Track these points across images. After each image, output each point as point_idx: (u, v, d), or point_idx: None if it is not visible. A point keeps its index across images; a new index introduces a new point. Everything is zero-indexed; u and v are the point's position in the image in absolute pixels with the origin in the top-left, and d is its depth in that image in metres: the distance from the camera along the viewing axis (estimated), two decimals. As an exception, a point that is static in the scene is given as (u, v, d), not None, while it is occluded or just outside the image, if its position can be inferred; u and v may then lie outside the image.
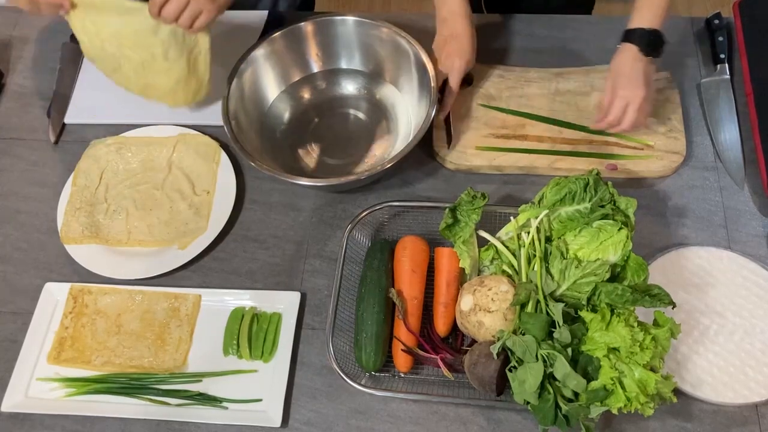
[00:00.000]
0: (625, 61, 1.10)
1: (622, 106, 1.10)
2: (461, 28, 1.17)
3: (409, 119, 1.24)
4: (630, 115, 1.10)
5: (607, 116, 1.12)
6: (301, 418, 1.01)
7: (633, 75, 1.09)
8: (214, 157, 1.23)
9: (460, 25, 1.17)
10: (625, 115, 1.10)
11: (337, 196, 1.20)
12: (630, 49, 1.09)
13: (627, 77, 1.09)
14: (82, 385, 1.04)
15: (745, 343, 1.01)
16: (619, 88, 1.10)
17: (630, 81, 1.09)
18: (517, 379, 0.88)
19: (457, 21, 1.17)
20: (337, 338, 1.01)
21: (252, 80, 1.24)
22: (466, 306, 0.97)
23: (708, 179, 1.18)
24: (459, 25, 1.17)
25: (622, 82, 1.10)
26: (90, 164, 1.24)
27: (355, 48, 1.29)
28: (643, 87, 1.09)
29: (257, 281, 1.13)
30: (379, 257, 1.06)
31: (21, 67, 1.41)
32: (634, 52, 1.09)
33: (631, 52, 1.09)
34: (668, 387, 0.87)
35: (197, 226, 1.16)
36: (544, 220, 0.99)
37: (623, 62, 1.10)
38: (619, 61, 1.11)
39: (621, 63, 1.10)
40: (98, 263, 1.14)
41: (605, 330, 0.89)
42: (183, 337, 1.08)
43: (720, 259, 1.08)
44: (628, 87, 1.09)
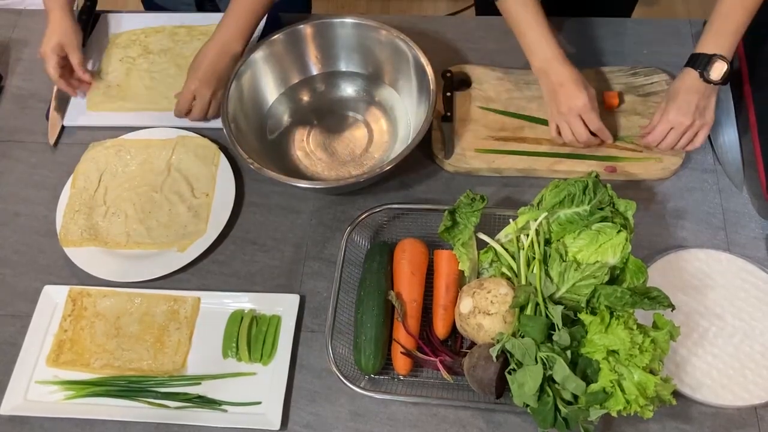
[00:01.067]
0: (681, 87, 1.09)
1: (664, 130, 1.11)
2: (563, 73, 1.12)
3: (408, 122, 1.24)
4: (669, 140, 1.11)
5: (649, 136, 1.13)
6: (300, 420, 1.01)
7: (683, 103, 1.08)
8: (213, 160, 1.23)
9: (561, 71, 1.12)
10: (665, 139, 1.11)
11: (336, 198, 1.20)
12: (689, 74, 1.08)
13: (677, 105, 1.09)
14: (81, 388, 1.04)
15: (745, 346, 1.01)
16: (668, 113, 1.10)
17: (679, 109, 1.09)
18: (517, 382, 0.88)
19: (558, 69, 1.12)
20: (336, 341, 1.01)
21: (251, 83, 1.24)
22: (465, 308, 0.97)
23: (707, 181, 1.18)
24: (560, 71, 1.12)
25: (671, 108, 1.10)
26: (89, 167, 1.24)
27: (354, 50, 1.29)
28: (690, 116, 1.08)
29: (256, 284, 1.13)
30: (378, 260, 1.06)
31: (20, 69, 1.41)
32: (693, 78, 1.07)
33: (690, 77, 1.08)
34: (667, 389, 0.87)
35: (196, 229, 1.16)
36: (543, 222, 0.99)
37: (678, 87, 1.09)
38: (676, 86, 1.10)
39: (677, 88, 1.10)
40: (97, 266, 1.14)
41: (604, 332, 0.89)
42: (182, 339, 1.07)
43: (719, 262, 1.08)
44: (674, 114, 1.09)
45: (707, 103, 1.09)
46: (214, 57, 1.21)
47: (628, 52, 1.33)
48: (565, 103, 1.12)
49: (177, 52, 1.38)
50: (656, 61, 1.30)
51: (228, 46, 1.22)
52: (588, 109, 1.12)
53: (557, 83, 1.13)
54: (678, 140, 1.11)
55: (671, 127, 1.10)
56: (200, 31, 1.40)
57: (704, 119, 1.10)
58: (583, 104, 1.11)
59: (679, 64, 1.30)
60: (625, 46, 1.34)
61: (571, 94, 1.12)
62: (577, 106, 1.12)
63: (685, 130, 1.10)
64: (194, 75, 1.22)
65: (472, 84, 1.28)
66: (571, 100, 1.12)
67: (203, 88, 1.22)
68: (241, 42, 1.22)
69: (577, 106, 1.12)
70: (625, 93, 1.25)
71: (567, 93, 1.12)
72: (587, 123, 1.13)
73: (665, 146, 1.13)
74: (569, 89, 1.12)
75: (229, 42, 1.22)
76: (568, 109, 1.12)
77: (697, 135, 1.11)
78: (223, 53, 1.21)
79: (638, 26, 1.37)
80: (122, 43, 1.40)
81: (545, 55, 1.13)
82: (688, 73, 1.08)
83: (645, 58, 1.32)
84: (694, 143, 1.12)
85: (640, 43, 1.34)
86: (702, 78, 1.07)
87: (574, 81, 1.12)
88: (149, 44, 1.39)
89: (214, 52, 1.21)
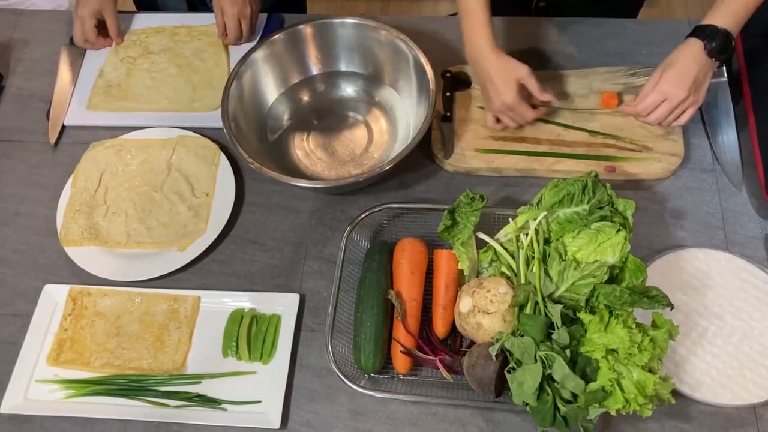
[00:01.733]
0: (682, 56, 1.04)
1: (656, 101, 1.06)
2: (489, 67, 1.12)
3: (408, 121, 1.24)
4: (660, 111, 1.06)
5: (638, 104, 1.09)
6: (300, 419, 1.01)
7: (682, 73, 1.03)
8: (214, 160, 1.23)
9: (488, 64, 1.12)
10: (656, 110, 1.07)
11: (336, 198, 1.21)
12: (694, 44, 1.03)
13: (675, 73, 1.04)
14: (81, 387, 1.04)
15: (744, 345, 1.01)
16: (663, 82, 1.05)
17: (677, 78, 1.04)
18: (516, 381, 0.88)
19: (484, 60, 1.13)
20: (336, 340, 1.01)
21: (251, 82, 1.24)
22: (464, 307, 0.97)
23: (706, 181, 1.18)
24: (486, 63, 1.12)
25: (668, 76, 1.05)
26: (89, 166, 1.24)
27: (354, 51, 1.29)
28: (686, 89, 1.03)
29: (256, 283, 1.13)
30: (378, 259, 1.07)
31: (21, 69, 1.41)
32: (697, 49, 1.03)
33: (694, 48, 1.03)
34: (666, 388, 0.87)
35: (196, 228, 1.16)
36: (542, 221, 0.99)
37: (680, 56, 1.04)
38: (676, 54, 1.05)
39: (677, 56, 1.05)
40: (97, 265, 1.14)
41: (604, 331, 0.89)
42: (182, 338, 1.08)
43: (718, 261, 1.08)
44: (671, 83, 1.04)
45: (704, 79, 1.05)
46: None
47: (627, 52, 1.33)
48: (496, 103, 1.14)
49: (177, 52, 1.38)
50: (655, 62, 1.27)
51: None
52: (517, 104, 1.13)
53: (486, 78, 1.14)
54: (668, 114, 1.06)
55: (664, 99, 1.05)
56: (200, 32, 1.41)
57: (698, 95, 1.05)
58: (511, 100, 1.12)
59: (679, 64, 1.30)
60: (625, 46, 1.34)
61: (500, 91, 1.12)
62: (506, 104, 1.13)
63: (678, 104, 1.05)
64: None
65: (472, 84, 1.28)
66: (499, 99, 1.13)
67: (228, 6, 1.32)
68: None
69: (506, 104, 1.13)
70: (624, 93, 1.25)
71: (495, 90, 1.13)
72: (520, 117, 1.16)
73: (654, 118, 1.08)
74: (497, 86, 1.12)
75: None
76: (500, 108, 1.14)
77: (685, 112, 1.07)
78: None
79: (637, 27, 1.38)
80: (123, 43, 1.40)
81: (478, 44, 1.13)
82: (693, 42, 1.03)
83: (644, 58, 1.32)
84: (679, 120, 1.08)
85: (639, 44, 1.34)
86: (706, 50, 1.02)
87: (501, 76, 1.12)
88: (150, 44, 1.40)
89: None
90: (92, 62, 1.39)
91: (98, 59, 1.39)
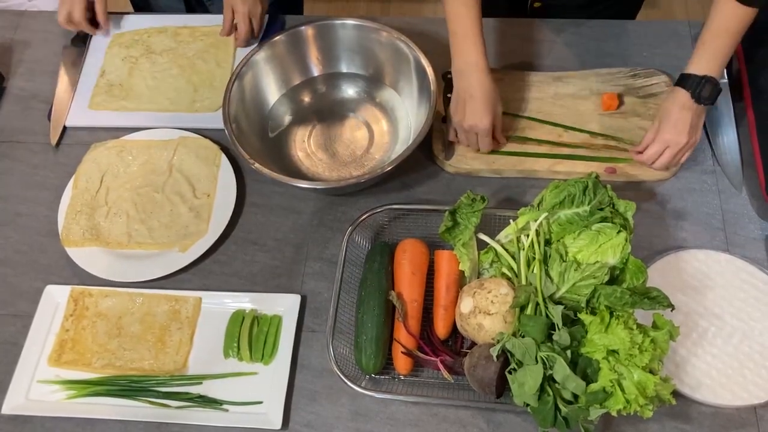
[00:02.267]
0: (674, 106, 1.09)
1: (659, 150, 1.11)
2: (477, 85, 1.11)
3: (409, 122, 1.24)
4: (664, 159, 1.12)
5: (643, 154, 1.13)
6: (301, 420, 1.01)
7: (679, 122, 1.08)
8: (215, 160, 1.23)
9: (476, 81, 1.11)
10: (660, 158, 1.12)
11: (337, 199, 1.21)
12: (682, 94, 1.08)
13: (672, 124, 1.09)
14: (82, 388, 1.04)
15: (744, 346, 1.01)
16: (663, 132, 1.10)
17: (675, 128, 1.09)
18: (517, 382, 0.89)
19: (473, 76, 1.11)
20: (337, 341, 1.01)
21: (252, 84, 1.24)
22: (465, 308, 0.97)
23: (706, 182, 1.18)
24: (474, 80, 1.11)
25: (666, 127, 1.09)
26: (91, 167, 1.24)
27: (355, 52, 1.29)
28: (686, 135, 1.09)
29: (257, 284, 1.13)
30: (379, 260, 1.07)
31: (22, 70, 1.41)
32: (686, 98, 1.08)
33: (683, 98, 1.08)
34: (667, 389, 0.88)
35: (198, 229, 1.16)
36: (543, 223, 0.99)
37: (672, 107, 1.09)
38: (668, 105, 1.10)
39: (669, 107, 1.09)
40: (99, 266, 1.14)
41: (604, 332, 0.89)
42: (183, 339, 1.08)
43: (718, 262, 1.08)
44: (671, 133, 1.09)
45: (698, 122, 1.10)
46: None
47: (628, 54, 1.34)
48: (468, 121, 1.13)
49: (179, 53, 1.38)
50: (656, 63, 1.30)
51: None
52: (484, 134, 1.13)
53: (468, 94, 1.12)
54: (672, 159, 1.12)
55: (666, 147, 1.11)
56: (202, 32, 1.41)
57: (695, 137, 1.11)
58: (483, 129, 1.12)
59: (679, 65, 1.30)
60: (625, 48, 1.35)
61: (476, 114, 1.12)
62: (478, 129, 1.13)
63: (680, 149, 1.10)
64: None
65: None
66: (473, 119, 1.12)
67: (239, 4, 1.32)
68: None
69: (478, 129, 1.13)
70: (625, 95, 1.25)
71: (473, 110, 1.12)
72: (479, 144, 1.16)
73: (659, 165, 1.13)
74: (476, 107, 1.11)
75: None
76: (469, 127, 1.13)
77: (686, 153, 1.13)
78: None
79: (638, 28, 1.38)
80: (125, 43, 1.41)
81: (468, 58, 1.12)
82: (680, 92, 1.08)
83: (645, 59, 1.32)
84: (681, 160, 1.14)
85: (639, 45, 1.35)
86: (694, 98, 1.07)
87: (483, 98, 1.11)
88: (152, 44, 1.40)
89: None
90: (94, 62, 1.39)
91: (100, 59, 1.39)
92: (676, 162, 1.13)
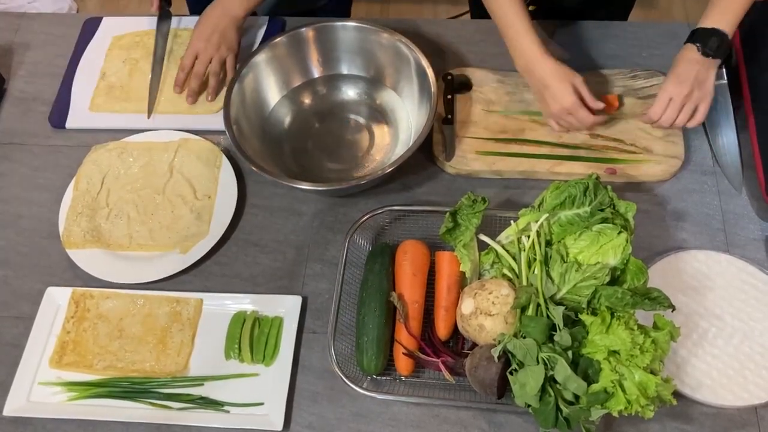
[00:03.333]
0: (680, 60, 1.10)
1: (664, 102, 1.11)
2: (545, 74, 1.12)
3: (410, 124, 1.25)
4: (669, 113, 1.11)
5: (649, 111, 1.13)
6: (302, 421, 1.02)
7: (682, 74, 1.09)
8: (216, 162, 1.23)
9: (543, 71, 1.12)
10: (665, 113, 1.11)
11: (338, 200, 1.21)
12: (688, 48, 1.09)
13: (675, 75, 1.10)
14: (84, 390, 1.04)
15: (744, 346, 1.01)
16: (666, 85, 1.11)
17: (677, 78, 1.09)
18: (518, 382, 0.89)
19: (538, 68, 1.13)
20: (338, 342, 1.01)
21: (253, 85, 1.25)
22: (467, 309, 0.97)
23: (706, 183, 1.18)
24: (541, 71, 1.12)
25: (670, 79, 1.11)
26: (91, 169, 1.24)
27: (355, 53, 1.29)
28: (688, 86, 1.08)
29: (259, 285, 1.13)
30: (380, 261, 1.07)
31: (22, 72, 1.42)
32: (692, 52, 1.09)
33: (689, 52, 1.09)
34: (668, 389, 0.88)
35: (199, 231, 1.17)
36: (544, 223, 0.99)
37: (677, 61, 1.11)
38: (675, 60, 1.11)
39: (676, 61, 1.11)
40: (100, 268, 1.14)
41: (605, 333, 0.89)
42: (185, 341, 1.08)
43: (718, 263, 1.08)
44: (673, 84, 1.10)
45: (706, 75, 1.09)
46: (215, 18, 1.27)
47: (627, 55, 1.34)
48: (554, 106, 1.14)
49: (179, 54, 1.38)
50: (655, 64, 1.31)
51: (228, 8, 1.27)
52: (576, 108, 1.13)
53: (542, 84, 1.14)
54: (677, 113, 1.11)
55: (670, 98, 1.10)
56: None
57: (702, 91, 1.10)
58: (570, 104, 1.12)
59: (679, 66, 1.31)
60: (624, 49, 1.35)
61: (557, 96, 1.13)
62: (565, 108, 1.13)
63: (683, 101, 1.09)
64: (197, 35, 1.27)
65: (473, 87, 1.29)
66: (557, 101, 1.13)
67: (208, 47, 1.27)
68: (242, 7, 1.26)
69: (565, 108, 1.13)
70: (625, 96, 1.26)
71: (552, 95, 1.13)
72: (579, 122, 1.15)
73: (666, 120, 1.12)
74: (554, 90, 1.12)
75: (227, 4, 1.27)
76: (559, 111, 1.14)
77: (698, 109, 1.11)
78: (223, 14, 1.27)
79: (637, 29, 1.38)
80: (125, 45, 1.41)
81: (526, 53, 1.14)
82: (687, 47, 1.10)
83: (644, 60, 1.32)
84: (695, 118, 1.12)
85: (639, 46, 1.35)
86: (700, 51, 1.08)
87: (557, 79, 1.12)
88: (152, 46, 1.40)
89: (215, 14, 1.27)
90: (94, 63, 1.39)
91: (100, 61, 1.39)
92: (686, 120, 1.11)
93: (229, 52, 1.28)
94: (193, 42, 1.28)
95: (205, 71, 1.29)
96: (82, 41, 1.42)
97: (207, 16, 1.28)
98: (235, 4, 1.26)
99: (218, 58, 1.28)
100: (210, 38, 1.26)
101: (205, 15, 1.28)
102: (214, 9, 1.28)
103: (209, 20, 1.27)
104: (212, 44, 1.26)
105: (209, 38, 1.26)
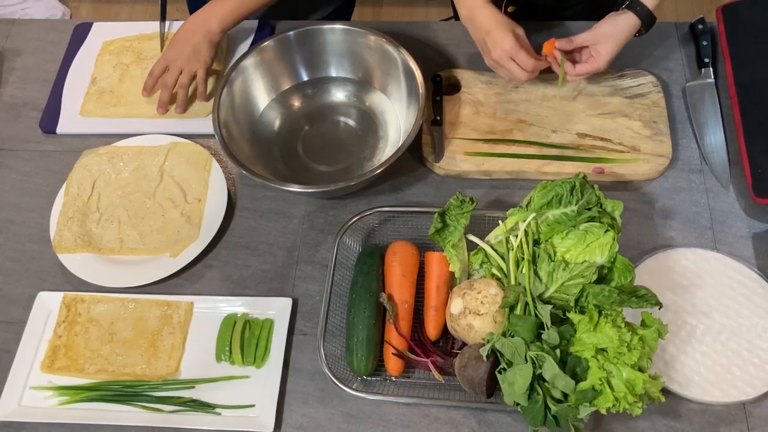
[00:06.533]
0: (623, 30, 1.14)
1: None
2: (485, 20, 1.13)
3: (398, 125, 1.25)
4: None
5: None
6: (293, 422, 1.02)
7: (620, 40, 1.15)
8: (206, 166, 1.24)
9: (484, 18, 1.13)
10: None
11: (328, 202, 1.21)
12: (631, 19, 1.13)
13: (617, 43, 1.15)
14: (75, 393, 1.05)
15: (732, 343, 1.02)
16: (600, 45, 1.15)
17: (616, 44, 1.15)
18: (507, 381, 0.89)
19: (478, 15, 1.14)
20: (328, 343, 1.02)
21: (242, 89, 1.25)
22: (456, 309, 0.98)
23: (694, 181, 1.19)
24: (482, 18, 1.14)
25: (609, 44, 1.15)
26: (82, 174, 1.24)
27: (343, 56, 1.30)
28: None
29: (249, 288, 1.14)
30: (369, 262, 1.07)
31: (13, 78, 1.42)
32: (635, 24, 1.13)
33: (632, 23, 1.14)
34: (656, 387, 0.88)
35: (189, 234, 1.17)
36: (531, 223, 1.00)
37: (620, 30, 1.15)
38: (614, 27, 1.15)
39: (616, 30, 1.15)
40: (91, 272, 1.14)
41: (593, 331, 0.90)
42: (176, 344, 1.08)
43: (706, 260, 1.09)
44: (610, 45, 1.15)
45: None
46: (190, 31, 1.27)
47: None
48: (494, 51, 1.14)
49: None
50: (643, 64, 1.31)
51: (205, 23, 1.26)
52: (516, 51, 1.13)
53: (484, 31, 1.14)
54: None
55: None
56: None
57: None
58: (510, 47, 1.12)
59: (666, 66, 1.32)
60: (612, 48, 1.35)
61: (497, 40, 1.13)
62: (506, 51, 1.13)
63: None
64: (171, 44, 1.28)
65: (462, 88, 1.29)
66: (498, 45, 1.13)
67: (179, 59, 1.26)
68: (217, 22, 1.26)
69: (506, 51, 1.13)
70: (613, 95, 1.26)
71: (493, 39, 1.13)
72: (520, 65, 1.14)
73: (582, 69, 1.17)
74: (494, 35, 1.13)
75: (205, 19, 1.27)
76: (499, 56, 1.14)
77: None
78: (198, 28, 1.26)
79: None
80: (115, 50, 1.41)
81: (469, 2, 1.15)
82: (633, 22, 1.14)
83: (632, 60, 1.33)
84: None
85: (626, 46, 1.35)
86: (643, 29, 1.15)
87: (498, 25, 1.13)
88: (142, 51, 1.40)
89: (190, 27, 1.27)
90: (85, 69, 1.39)
91: (90, 66, 1.39)
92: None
93: (200, 66, 1.27)
94: (167, 51, 1.28)
95: (174, 83, 1.28)
96: (73, 47, 1.43)
97: (184, 27, 1.28)
98: (213, 21, 1.26)
99: (188, 70, 1.27)
100: (183, 50, 1.26)
101: (183, 25, 1.28)
102: (192, 21, 1.28)
103: (185, 32, 1.27)
104: (183, 56, 1.26)
105: (182, 50, 1.26)
